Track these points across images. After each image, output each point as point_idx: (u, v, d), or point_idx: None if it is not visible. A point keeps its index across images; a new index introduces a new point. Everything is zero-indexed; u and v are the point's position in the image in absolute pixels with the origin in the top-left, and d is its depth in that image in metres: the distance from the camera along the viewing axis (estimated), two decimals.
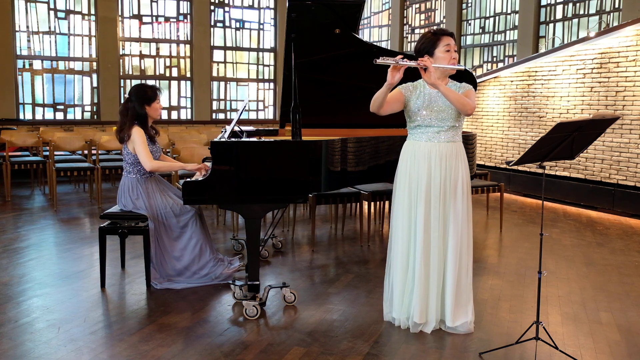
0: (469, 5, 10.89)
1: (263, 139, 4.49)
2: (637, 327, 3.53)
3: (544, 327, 3.13)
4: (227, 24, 12.16)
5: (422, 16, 12.04)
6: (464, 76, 4.64)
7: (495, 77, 8.97)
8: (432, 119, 3.31)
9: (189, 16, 11.70)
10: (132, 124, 4.19)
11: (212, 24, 11.94)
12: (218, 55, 12.13)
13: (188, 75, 11.83)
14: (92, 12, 10.89)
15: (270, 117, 12.71)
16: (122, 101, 11.04)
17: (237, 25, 12.28)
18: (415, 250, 3.34)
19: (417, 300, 3.33)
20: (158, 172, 4.30)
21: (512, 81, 8.68)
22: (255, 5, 12.38)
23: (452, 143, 3.34)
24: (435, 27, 3.28)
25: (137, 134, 4.15)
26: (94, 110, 11.11)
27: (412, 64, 3.15)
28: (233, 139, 3.97)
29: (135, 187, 4.21)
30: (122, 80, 11.25)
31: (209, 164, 4.11)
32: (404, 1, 12.37)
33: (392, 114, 3.36)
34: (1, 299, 3.84)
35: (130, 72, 11.37)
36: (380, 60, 3.09)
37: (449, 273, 3.33)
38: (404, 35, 12.45)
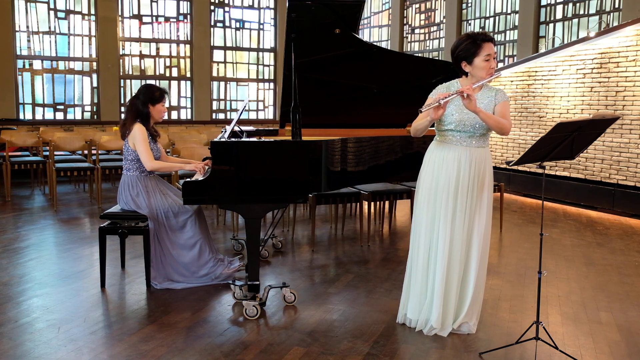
0: (469, 5, 10.89)
1: (263, 139, 4.49)
2: (637, 327, 3.53)
3: (544, 327, 3.13)
4: (227, 24, 12.16)
5: (422, 16, 12.04)
6: None
7: (495, 77, 8.95)
8: (465, 124, 3.22)
9: (189, 16, 11.70)
10: (134, 121, 4.21)
11: (212, 24, 11.93)
12: (218, 55, 12.12)
13: (188, 75, 11.83)
14: (92, 12, 10.89)
15: (270, 117, 12.71)
16: (127, 99, 11.09)
17: (237, 25, 12.28)
18: (436, 253, 3.28)
19: (436, 305, 3.29)
20: (158, 172, 4.30)
21: (512, 81, 8.68)
22: (255, 5, 12.38)
23: (481, 148, 3.28)
24: (476, 31, 3.19)
25: (139, 131, 4.17)
26: (94, 110, 11.11)
27: (455, 96, 3.08)
28: (233, 139, 3.97)
29: (136, 184, 4.21)
30: (122, 80, 11.24)
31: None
32: (404, 1, 12.37)
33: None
34: (1, 299, 3.84)
35: (130, 72, 11.36)
36: (425, 109, 3.06)
37: (472, 274, 3.30)
38: (404, 35, 12.44)
